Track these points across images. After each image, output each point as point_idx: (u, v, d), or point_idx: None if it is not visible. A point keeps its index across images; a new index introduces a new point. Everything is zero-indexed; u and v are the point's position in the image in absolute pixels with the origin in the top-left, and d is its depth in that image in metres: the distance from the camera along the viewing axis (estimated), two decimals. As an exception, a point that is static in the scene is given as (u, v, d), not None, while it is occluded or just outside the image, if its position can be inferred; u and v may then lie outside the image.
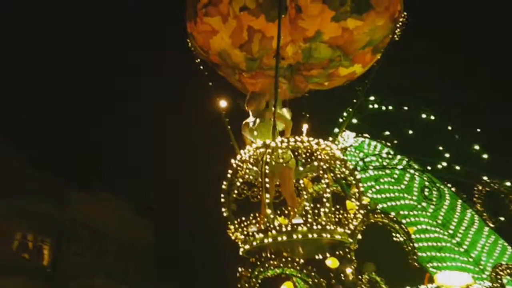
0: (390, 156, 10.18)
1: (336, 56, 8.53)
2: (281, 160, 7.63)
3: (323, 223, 7.45)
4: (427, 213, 11.70)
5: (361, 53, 8.59)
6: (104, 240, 33.38)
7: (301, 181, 8.52)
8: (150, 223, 37.11)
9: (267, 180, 7.42)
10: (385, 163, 10.14)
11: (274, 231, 7.42)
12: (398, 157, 10.48)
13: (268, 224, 7.47)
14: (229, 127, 8.56)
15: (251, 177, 8.28)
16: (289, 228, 7.41)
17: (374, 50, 8.65)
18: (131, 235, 34.84)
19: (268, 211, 7.40)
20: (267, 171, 7.42)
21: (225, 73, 9.11)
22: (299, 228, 7.42)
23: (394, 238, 8.64)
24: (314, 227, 7.40)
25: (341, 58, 8.58)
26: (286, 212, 7.90)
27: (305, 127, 8.86)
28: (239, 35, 8.10)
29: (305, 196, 8.42)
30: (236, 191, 8.06)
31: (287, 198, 7.90)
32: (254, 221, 7.76)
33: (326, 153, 7.81)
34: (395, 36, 8.54)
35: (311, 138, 7.76)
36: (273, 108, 7.89)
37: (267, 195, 7.37)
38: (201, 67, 8.83)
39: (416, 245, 8.91)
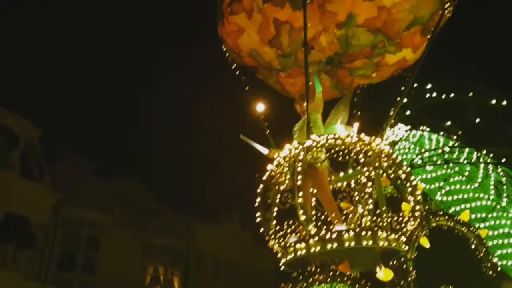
0: (455, 149, 8.42)
1: (378, 41, 7.21)
2: (313, 160, 6.39)
3: (369, 228, 6.07)
4: (509, 214, 9.57)
5: (407, 35, 7.19)
6: (228, 269, 33.25)
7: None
8: (269, 251, 36.35)
9: (299, 183, 6.16)
10: (449, 158, 8.39)
11: (312, 240, 6.14)
12: (467, 150, 8.63)
13: (305, 233, 6.22)
14: (268, 131, 7.42)
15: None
16: (329, 236, 6.10)
17: (423, 30, 7.20)
18: (253, 264, 34.42)
19: (303, 217, 6.12)
20: (299, 169, 6.16)
21: (263, 76, 8.08)
22: (342, 236, 6.09)
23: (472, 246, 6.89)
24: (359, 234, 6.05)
25: (385, 43, 7.21)
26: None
27: (355, 126, 7.48)
28: (266, 30, 7.10)
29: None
30: (278, 200, 6.89)
31: (324, 203, 6.58)
32: (290, 230, 6.51)
33: (371, 149, 6.41)
34: (446, 11, 6.96)
35: (351, 134, 6.41)
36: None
37: (300, 194, 6.09)
38: (238, 72, 7.76)
39: (499, 252, 7.12)
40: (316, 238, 6.11)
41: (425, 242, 7.00)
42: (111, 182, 28.07)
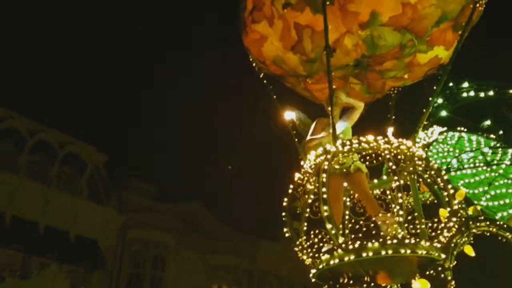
0: (496, 150, 7.70)
1: (407, 40, 6.73)
2: (340, 166, 6.00)
3: (402, 237, 5.59)
4: (562, 219, 8.61)
5: (437, 32, 6.69)
6: (291, 286, 32.74)
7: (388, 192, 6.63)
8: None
9: (324, 190, 5.77)
10: (491, 159, 7.66)
11: (340, 250, 5.72)
12: (510, 151, 7.86)
13: (332, 243, 5.82)
14: (296, 139, 7.04)
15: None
16: (355, 246, 5.65)
17: (455, 26, 6.68)
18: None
19: (329, 226, 5.71)
20: (324, 180, 5.77)
21: (291, 84, 7.76)
22: (370, 245, 5.62)
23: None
24: (389, 242, 5.57)
25: (414, 42, 6.71)
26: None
27: (390, 130, 6.99)
28: (288, 36, 6.81)
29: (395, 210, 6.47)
30: (308, 209, 6.52)
31: (366, 205, 6.14)
32: (317, 240, 6.10)
33: (402, 153, 5.94)
34: (478, 5, 6.40)
35: (379, 137, 5.96)
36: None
37: (326, 208, 5.69)
38: (265, 81, 7.45)
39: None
40: (344, 247, 5.70)
41: (469, 251, 6.39)
42: (174, 204, 28.37)
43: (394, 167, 5.75)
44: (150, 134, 45.83)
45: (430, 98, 6.50)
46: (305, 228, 6.46)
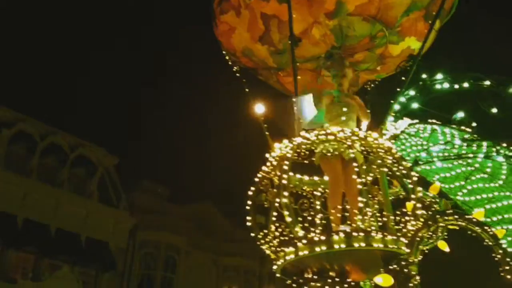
0: (470, 143, 7.37)
1: (377, 31, 6.46)
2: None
3: (365, 229, 5.39)
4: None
5: (408, 22, 6.44)
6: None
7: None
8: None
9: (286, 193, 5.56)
10: (467, 152, 7.34)
11: (301, 243, 5.52)
12: (485, 144, 7.52)
13: (291, 236, 5.60)
14: (267, 133, 6.82)
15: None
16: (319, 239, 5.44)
17: (426, 15, 6.41)
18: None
19: (289, 219, 5.51)
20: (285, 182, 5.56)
21: (264, 77, 7.60)
22: (333, 238, 5.41)
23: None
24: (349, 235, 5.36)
25: (385, 33, 6.45)
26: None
27: (364, 124, 6.74)
28: (255, 26, 6.66)
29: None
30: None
31: (349, 198, 5.89)
32: (278, 233, 5.90)
33: (368, 145, 5.71)
34: (450, -7, 6.15)
35: (343, 129, 5.73)
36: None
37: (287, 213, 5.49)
38: (238, 74, 7.27)
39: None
40: (304, 241, 5.47)
41: (443, 246, 6.09)
42: (185, 206, 28.25)
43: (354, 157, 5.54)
44: (161, 135, 45.87)
45: (398, 89, 6.26)
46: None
